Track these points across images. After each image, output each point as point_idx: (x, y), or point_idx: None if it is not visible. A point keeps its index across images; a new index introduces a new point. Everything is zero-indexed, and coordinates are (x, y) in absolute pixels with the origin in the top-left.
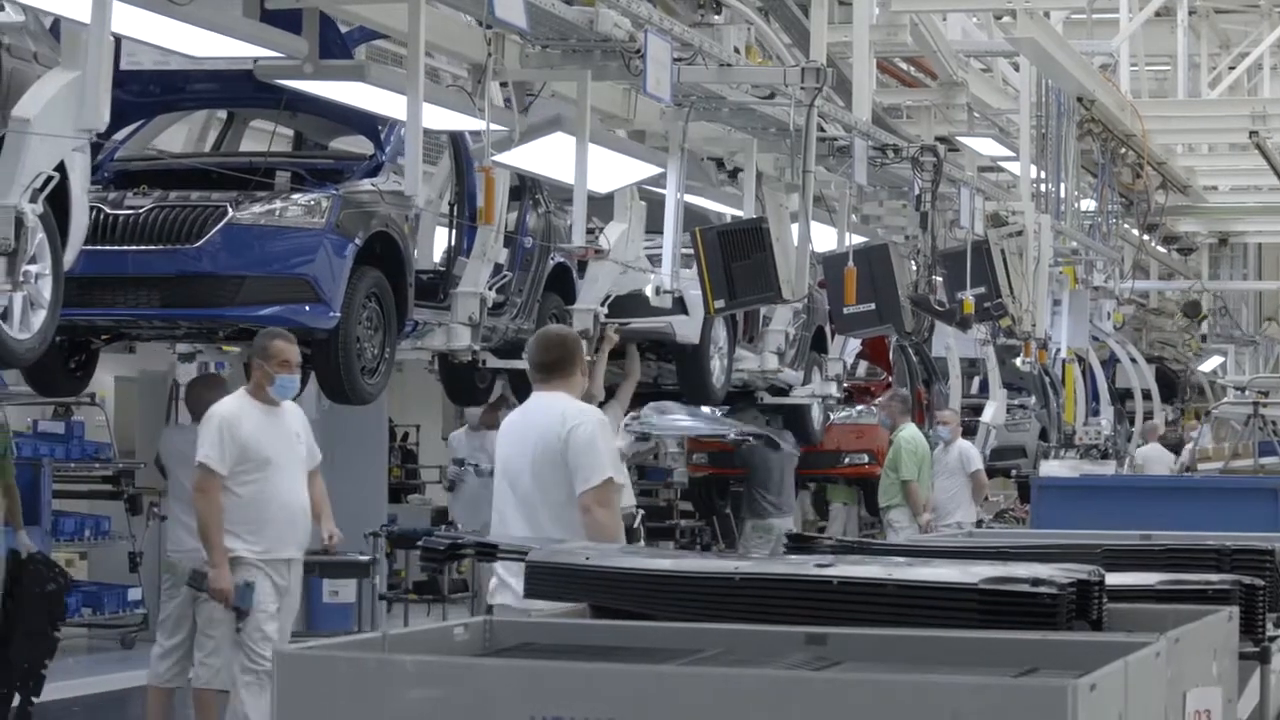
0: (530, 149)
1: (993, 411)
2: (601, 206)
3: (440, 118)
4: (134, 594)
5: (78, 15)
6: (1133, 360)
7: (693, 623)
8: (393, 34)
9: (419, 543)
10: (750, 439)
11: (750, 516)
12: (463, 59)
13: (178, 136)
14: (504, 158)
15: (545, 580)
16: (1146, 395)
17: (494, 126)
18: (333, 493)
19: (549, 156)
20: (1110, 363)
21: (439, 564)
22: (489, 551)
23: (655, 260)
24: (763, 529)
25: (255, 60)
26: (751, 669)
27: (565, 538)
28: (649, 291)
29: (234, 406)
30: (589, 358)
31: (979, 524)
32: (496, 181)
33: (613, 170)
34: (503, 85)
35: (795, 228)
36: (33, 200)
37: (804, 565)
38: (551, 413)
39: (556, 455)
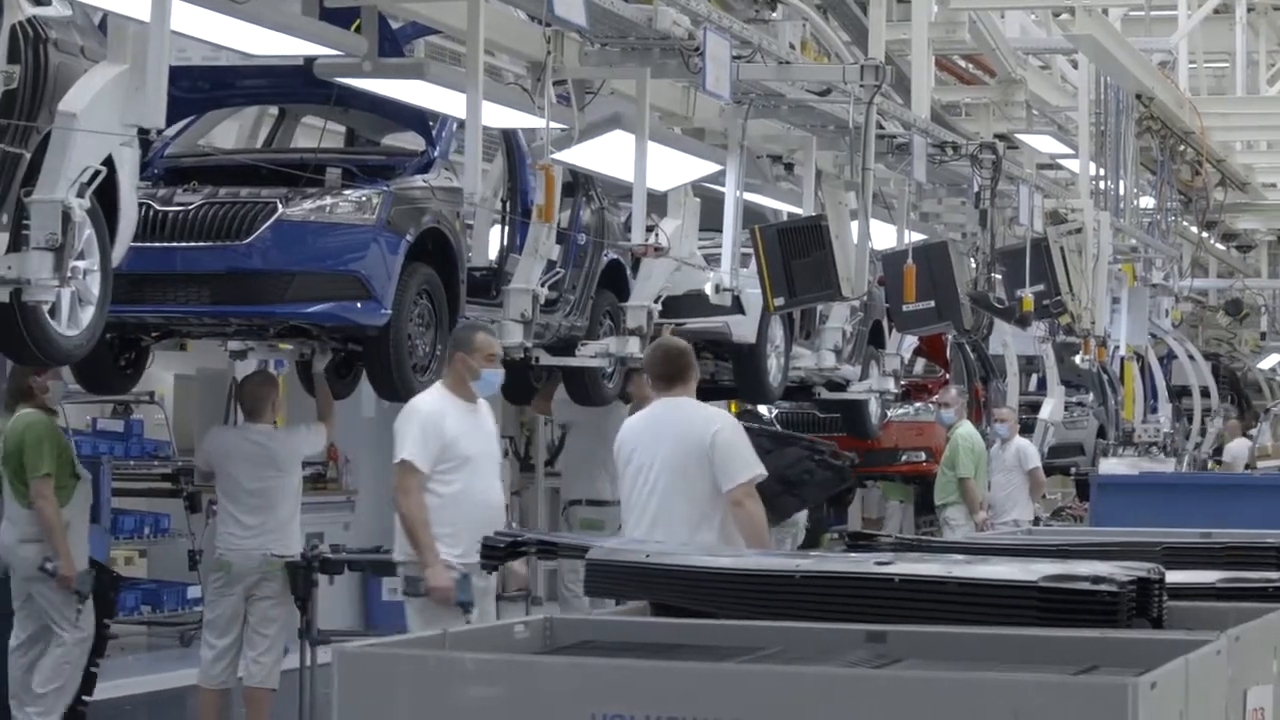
0: (589, 147)
1: (1051, 409)
2: (655, 203)
3: (500, 115)
4: (193, 592)
5: (137, 14)
6: (1190, 358)
7: (753, 620)
8: (452, 32)
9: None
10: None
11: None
12: (522, 57)
13: (230, 132)
14: (563, 155)
15: (605, 578)
16: (1205, 393)
17: (553, 124)
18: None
19: (608, 154)
20: (1167, 360)
21: (499, 561)
22: (549, 550)
23: (710, 258)
24: (789, 523)
25: (315, 59)
26: (812, 667)
27: (709, 533)
28: (708, 290)
29: (435, 402)
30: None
31: (1036, 521)
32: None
33: (672, 168)
34: (558, 83)
35: (854, 225)
36: (80, 195)
37: (864, 563)
38: (690, 416)
39: (702, 455)
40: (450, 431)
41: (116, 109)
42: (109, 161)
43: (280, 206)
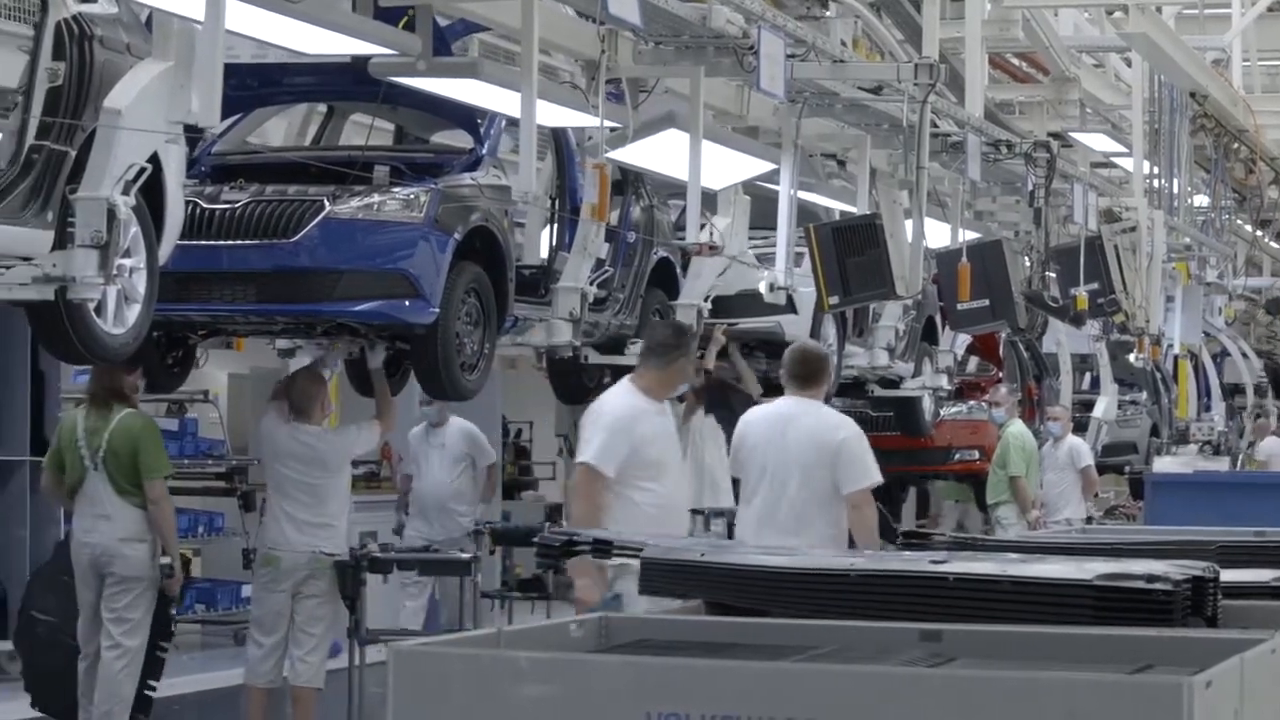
0: (643, 145)
1: (1104, 407)
2: (705, 201)
3: (554, 114)
4: (247, 590)
5: (192, 13)
6: (1244, 356)
7: (808, 619)
8: (506, 31)
9: (534, 539)
10: None
11: None
12: (576, 55)
13: (279, 130)
14: (617, 154)
15: (660, 576)
16: (1259, 390)
17: (607, 123)
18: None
19: (662, 153)
20: (1220, 358)
21: (555, 560)
22: (604, 549)
23: (761, 257)
24: None
25: (368, 58)
26: (867, 665)
27: (827, 529)
28: (762, 288)
29: (625, 403)
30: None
31: (1088, 520)
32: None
33: (725, 166)
34: (609, 81)
35: (909, 224)
36: (125, 193)
37: (919, 562)
38: (819, 419)
39: (828, 458)
40: (640, 434)
41: (162, 106)
42: (155, 159)
43: (328, 204)
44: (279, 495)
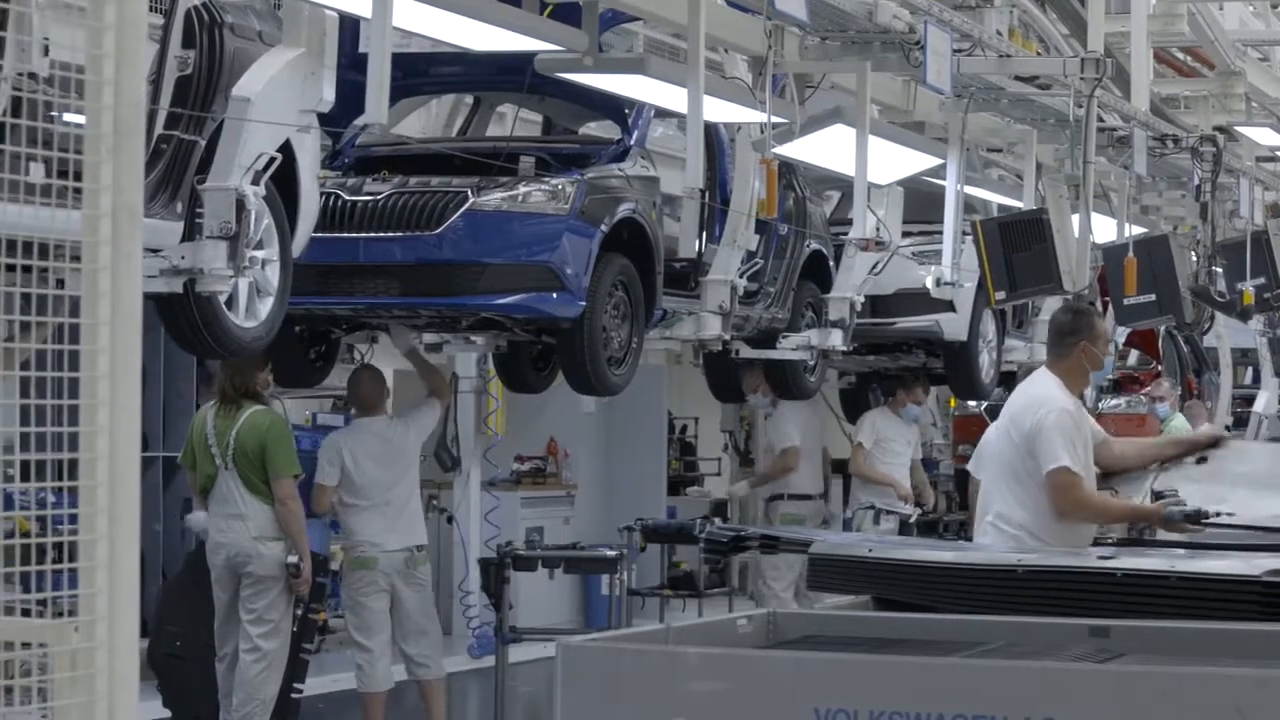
0: (809, 140)
1: (1264, 402)
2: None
3: (720, 110)
4: None
5: (359, 10)
6: None
7: (976, 615)
8: (673, 27)
9: (700, 535)
10: None
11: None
12: (742, 51)
13: (420, 121)
14: (782, 149)
15: (828, 573)
16: None
17: (774, 119)
18: (612, 485)
19: (828, 148)
20: None
21: (722, 556)
22: (772, 545)
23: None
24: None
25: (535, 54)
26: (1035, 661)
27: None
28: (929, 284)
29: (1066, 401)
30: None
31: None
32: (753, 169)
33: (892, 161)
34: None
35: (1074, 218)
36: (255, 182)
37: (1087, 558)
38: None
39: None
40: (1084, 433)
41: (293, 94)
42: (288, 148)
43: (471, 196)
44: (361, 497)
